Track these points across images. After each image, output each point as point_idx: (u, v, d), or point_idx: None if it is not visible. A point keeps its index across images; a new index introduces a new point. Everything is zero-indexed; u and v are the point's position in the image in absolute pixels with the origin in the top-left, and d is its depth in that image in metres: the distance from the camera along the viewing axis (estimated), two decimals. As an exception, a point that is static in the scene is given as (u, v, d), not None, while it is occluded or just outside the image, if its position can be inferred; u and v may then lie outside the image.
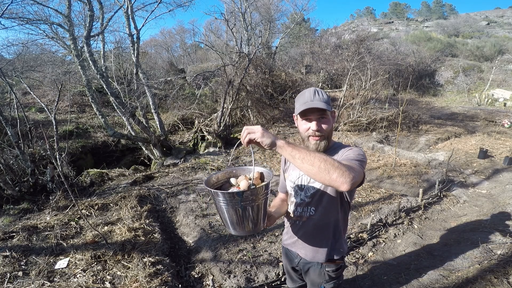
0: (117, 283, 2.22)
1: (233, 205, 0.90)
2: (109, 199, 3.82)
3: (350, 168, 0.90)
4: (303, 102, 1.15)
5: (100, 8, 5.70)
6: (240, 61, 7.37)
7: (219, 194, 0.91)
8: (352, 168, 0.92)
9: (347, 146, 1.25)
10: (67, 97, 8.92)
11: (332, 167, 0.87)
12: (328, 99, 1.17)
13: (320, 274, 1.30)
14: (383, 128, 7.52)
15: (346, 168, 0.89)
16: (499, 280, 2.07)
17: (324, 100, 1.14)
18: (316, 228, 1.27)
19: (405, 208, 3.55)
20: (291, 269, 1.49)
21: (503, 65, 14.27)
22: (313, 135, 1.17)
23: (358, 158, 1.09)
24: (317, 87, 1.18)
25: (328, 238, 1.28)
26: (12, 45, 7.22)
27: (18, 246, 2.65)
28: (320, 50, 14.01)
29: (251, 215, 0.94)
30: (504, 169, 5.01)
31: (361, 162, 1.07)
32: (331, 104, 1.19)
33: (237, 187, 1.03)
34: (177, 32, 27.94)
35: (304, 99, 1.16)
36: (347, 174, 0.87)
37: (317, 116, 1.15)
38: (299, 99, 1.19)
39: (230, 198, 0.90)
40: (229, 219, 0.94)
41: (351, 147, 1.21)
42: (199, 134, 7.71)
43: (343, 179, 0.86)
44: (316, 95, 1.15)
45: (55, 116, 4.36)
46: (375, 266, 2.63)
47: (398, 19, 36.58)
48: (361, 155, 1.12)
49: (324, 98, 1.15)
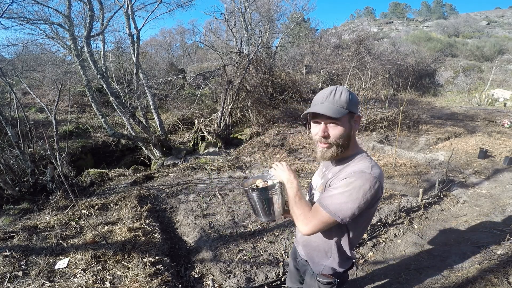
0: (117, 283, 2.22)
1: (258, 197, 1.16)
2: (109, 199, 3.82)
3: (304, 223, 1.05)
4: (314, 103, 1.05)
5: (100, 8, 5.70)
6: (240, 61, 7.37)
7: (249, 191, 1.17)
8: (306, 222, 1.04)
9: (365, 165, 1.02)
10: (67, 97, 8.93)
11: (297, 219, 1.08)
12: (346, 102, 0.99)
13: (312, 280, 1.28)
14: (383, 128, 7.52)
15: (302, 224, 1.05)
16: (499, 280, 2.07)
17: (338, 103, 0.99)
18: (309, 239, 1.25)
19: (405, 208, 3.55)
20: (293, 268, 1.49)
21: (503, 65, 14.27)
22: (320, 141, 1.06)
23: (343, 195, 0.98)
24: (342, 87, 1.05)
25: (321, 252, 1.22)
26: (12, 45, 7.22)
27: (18, 246, 2.65)
28: (320, 50, 14.01)
29: (270, 205, 1.17)
30: (504, 169, 5.01)
31: (345, 202, 0.97)
32: (353, 106, 1.01)
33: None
34: (177, 32, 28.01)
35: (317, 99, 1.05)
36: (304, 226, 1.05)
37: (327, 120, 1.02)
38: (315, 98, 1.07)
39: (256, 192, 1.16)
40: (258, 208, 1.19)
41: (356, 173, 0.99)
42: (199, 134, 7.71)
43: (302, 228, 1.06)
44: (331, 97, 1.01)
45: (55, 116, 4.36)
46: (375, 266, 2.63)
47: (398, 19, 36.60)
48: (355, 193, 0.96)
49: (340, 101, 0.99)
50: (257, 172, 5.22)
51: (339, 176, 1.05)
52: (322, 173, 1.22)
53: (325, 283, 1.22)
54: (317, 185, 1.22)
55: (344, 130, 1.02)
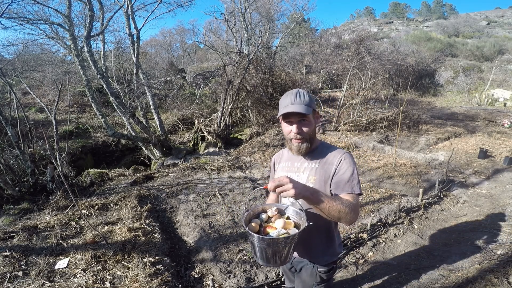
0: (117, 283, 2.22)
1: (267, 246, 0.99)
2: (109, 199, 3.82)
3: (355, 212, 1.09)
4: (284, 105, 1.17)
5: (100, 8, 5.70)
6: (240, 61, 7.37)
7: (255, 237, 0.99)
8: (356, 211, 1.10)
9: (334, 148, 1.24)
10: (67, 97, 8.94)
11: (346, 215, 1.05)
12: (310, 101, 1.16)
13: (312, 274, 1.31)
14: (383, 128, 7.52)
15: (354, 214, 1.08)
16: (499, 280, 2.07)
17: (305, 102, 1.15)
18: (307, 232, 1.26)
19: (405, 208, 3.55)
20: (287, 269, 1.49)
21: (503, 65, 14.26)
22: (295, 138, 1.20)
23: (353, 174, 1.14)
24: (300, 89, 1.20)
25: (321, 242, 1.29)
26: (12, 45, 7.23)
27: (18, 246, 2.65)
28: (320, 50, 14.02)
29: (281, 254, 1.02)
30: (504, 169, 5.01)
31: (357, 179, 1.15)
32: (314, 105, 1.20)
33: (272, 226, 1.11)
34: (177, 32, 28.01)
35: (286, 102, 1.17)
36: (354, 219, 1.09)
37: (298, 119, 1.17)
38: (282, 101, 1.20)
39: (267, 242, 1.00)
40: (260, 255, 1.04)
41: (341, 155, 1.19)
42: (199, 134, 7.71)
43: (353, 219, 1.09)
44: (297, 98, 1.15)
45: (55, 116, 4.36)
46: (375, 266, 2.63)
47: (398, 19, 36.61)
48: (353, 166, 1.16)
49: (305, 101, 1.15)
50: (256, 172, 5.22)
51: (332, 161, 1.19)
52: (296, 168, 1.27)
53: (326, 271, 1.30)
54: (303, 179, 1.24)
55: (312, 125, 1.20)
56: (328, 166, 1.19)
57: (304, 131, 1.18)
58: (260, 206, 1.21)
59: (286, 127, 1.21)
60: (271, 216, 1.17)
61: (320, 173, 1.19)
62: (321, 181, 1.18)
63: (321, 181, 1.18)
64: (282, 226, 1.08)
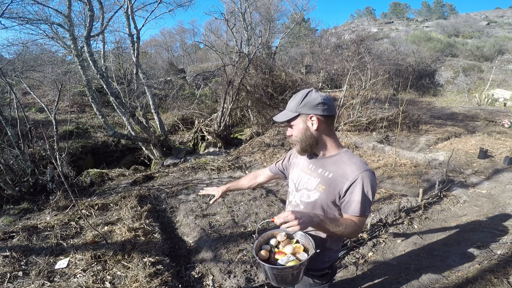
0: (117, 283, 2.22)
1: (278, 273, 1.07)
2: (109, 199, 3.82)
3: (358, 232, 1.13)
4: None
5: (100, 8, 5.70)
6: (240, 61, 7.37)
7: (266, 266, 1.06)
8: (359, 231, 1.13)
9: (356, 161, 1.13)
10: (67, 97, 8.93)
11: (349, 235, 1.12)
12: (295, 106, 1.13)
13: (303, 280, 1.28)
14: (383, 128, 7.51)
15: (356, 233, 1.13)
16: (499, 280, 2.07)
17: (289, 108, 1.17)
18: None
19: (405, 208, 3.55)
20: None
21: (503, 65, 14.26)
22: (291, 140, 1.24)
23: (368, 196, 1.09)
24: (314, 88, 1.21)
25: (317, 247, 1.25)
26: (12, 45, 7.19)
27: (18, 246, 2.65)
28: (320, 50, 14.02)
29: (292, 276, 1.09)
30: (504, 169, 5.01)
31: (369, 200, 1.10)
32: (304, 108, 1.12)
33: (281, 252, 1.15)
34: (177, 32, 28.04)
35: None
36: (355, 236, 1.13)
37: (286, 123, 1.20)
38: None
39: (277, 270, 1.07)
40: (272, 278, 1.11)
41: (360, 172, 1.09)
42: (199, 134, 7.71)
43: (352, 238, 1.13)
44: (289, 104, 1.18)
45: (55, 116, 4.37)
46: (375, 266, 2.63)
47: (398, 19, 36.60)
48: (369, 188, 1.09)
49: (290, 107, 1.16)
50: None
51: (348, 176, 1.12)
52: (310, 170, 1.27)
53: (319, 276, 1.29)
54: (312, 184, 1.23)
55: (299, 129, 1.16)
56: (342, 180, 1.12)
57: (290, 135, 1.21)
58: (269, 232, 1.24)
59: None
60: (280, 241, 1.20)
61: (331, 185, 1.15)
62: (329, 193, 1.15)
63: (329, 192, 1.15)
64: (291, 252, 1.12)
